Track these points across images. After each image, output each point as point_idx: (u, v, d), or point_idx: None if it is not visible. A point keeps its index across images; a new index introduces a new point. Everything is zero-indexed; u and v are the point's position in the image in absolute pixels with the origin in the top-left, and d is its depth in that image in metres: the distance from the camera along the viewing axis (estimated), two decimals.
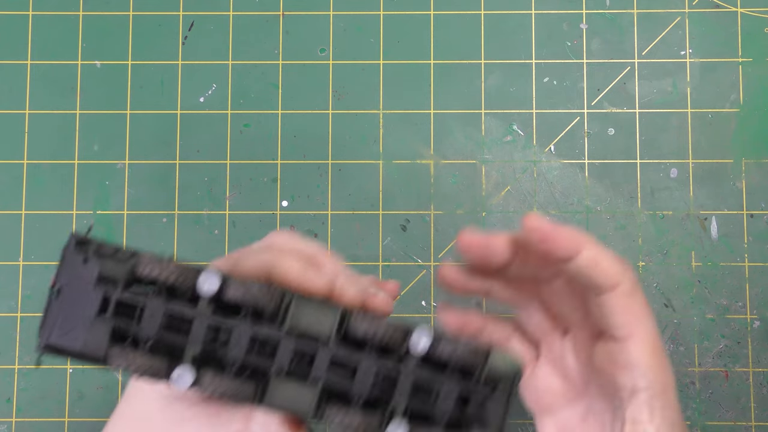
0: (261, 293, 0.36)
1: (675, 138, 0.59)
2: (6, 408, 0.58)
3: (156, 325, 0.36)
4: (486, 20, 0.61)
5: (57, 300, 0.36)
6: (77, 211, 0.59)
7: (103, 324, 0.35)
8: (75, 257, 0.36)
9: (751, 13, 0.60)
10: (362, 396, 0.37)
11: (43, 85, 0.60)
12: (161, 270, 0.35)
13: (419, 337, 0.37)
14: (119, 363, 0.35)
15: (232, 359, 0.37)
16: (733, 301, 0.58)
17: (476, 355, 0.37)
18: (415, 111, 0.60)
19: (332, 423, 0.37)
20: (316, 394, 0.37)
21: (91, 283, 0.35)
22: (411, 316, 0.58)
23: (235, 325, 0.36)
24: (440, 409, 0.38)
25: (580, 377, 0.45)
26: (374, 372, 0.37)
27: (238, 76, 0.60)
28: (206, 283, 0.36)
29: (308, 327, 0.37)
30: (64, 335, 0.35)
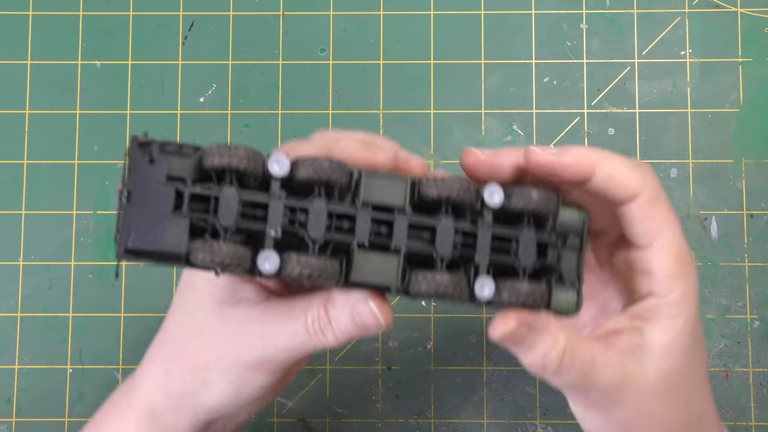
0: (331, 169, 0.35)
1: (675, 138, 0.59)
2: (6, 408, 0.58)
3: (233, 214, 0.35)
4: (486, 20, 0.61)
5: (128, 204, 0.35)
6: (77, 211, 0.59)
7: (179, 220, 0.35)
8: (140, 158, 0.35)
9: (751, 13, 0.60)
10: (445, 257, 0.37)
11: (43, 85, 0.60)
12: (230, 157, 0.34)
13: (492, 190, 0.37)
14: (202, 257, 0.34)
15: (312, 238, 0.36)
16: (733, 301, 0.58)
17: (549, 201, 0.37)
18: (415, 111, 0.60)
19: (419, 290, 0.36)
20: (399, 262, 0.37)
21: (160, 182, 0.35)
22: (411, 316, 0.58)
23: (310, 203, 0.36)
24: (522, 260, 0.37)
25: (599, 276, 0.44)
26: (453, 232, 0.37)
27: (238, 76, 0.60)
28: (276, 164, 0.35)
29: (382, 198, 0.37)
30: (141, 237, 0.34)
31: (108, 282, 0.59)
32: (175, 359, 0.43)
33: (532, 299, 0.37)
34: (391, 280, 0.37)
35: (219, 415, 0.44)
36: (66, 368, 0.58)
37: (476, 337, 0.58)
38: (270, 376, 0.42)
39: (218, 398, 0.42)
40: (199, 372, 0.42)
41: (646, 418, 0.40)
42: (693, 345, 0.40)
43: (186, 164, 0.36)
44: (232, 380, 0.41)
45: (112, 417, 0.45)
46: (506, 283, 0.37)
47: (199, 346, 0.42)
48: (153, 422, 0.44)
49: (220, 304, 0.42)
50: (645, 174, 0.39)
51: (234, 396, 0.42)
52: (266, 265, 0.35)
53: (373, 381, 0.58)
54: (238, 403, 0.43)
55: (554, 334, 0.38)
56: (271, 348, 0.40)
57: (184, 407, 0.43)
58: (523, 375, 0.58)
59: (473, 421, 0.58)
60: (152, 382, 0.44)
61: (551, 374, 0.39)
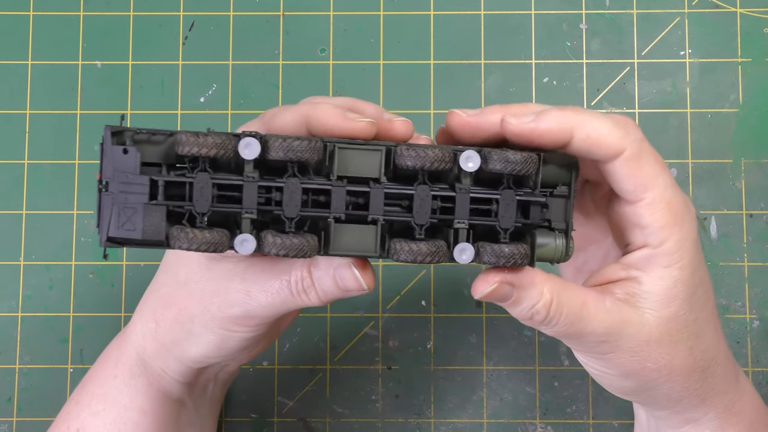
0: (302, 146, 0.36)
1: (674, 138, 0.59)
2: (6, 407, 0.58)
3: (208, 198, 0.36)
4: (486, 20, 0.61)
5: (106, 193, 0.36)
6: (78, 211, 0.59)
7: (156, 208, 0.36)
8: (114, 148, 0.35)
9: (750, 13, 0.60)
10: (423, 224, 0.37)
11: (44, 85, 0.60)
12: (199, 147, 0.35)
13: (469, 155, 0.37)
14: (180, 243, 0.35)
15: (288, 216, 0.36)
16: (732, 300, 0.58)
17: (527, 162, 0.37)
18: (415, 111, 0.60)
19: (398, 258, 0.37)
20: (377, 233, 0.37)
21: (135, 171, 0.35)
22: (411, 315, 0.58)
23: (284, 182, 0.36)
24: (502, 222, 0.38)
25: (599, 225, 0.45)
26: (430, 199, 0.37)
27: (238, 76, 0.60)
28: (247, 148, 0.36)
29: (356, 170, 0.37)
30: (121, 227, 0.36)
31: (108, 282, 0.59)
32: (163, 311, 0.45)
33: (513, 261, 0.37)
34: (370, 250, 0.38)
35: (206, 364, 0.46)
36: (66, 368, 0.58)
37: (476, 337, 0.58)
38: (253, 330, 0.43)
39: (203, 348, 0.44)
40: (184, 323, 0.44)
41: (647, 364, 0.40)
42: (693, 293, 0.40)
43: (160, 150, 0.36)
44: (215, 332, 0.43)
45: (105, 365, 0.47)
46: (486, 246, 0.37)
47: (185, 298, 0.43)
48: (143, 367, 0.46)
49: (207, 260, 0.43)
50: (627, 130, 0.39)
51: (217, 347, 0.44)
52: (243, 248, 0.36)
53: (373, 381, 0.58)
54: (223, 354, 0.44)
55: (539, 288, 0.39)
56: (254, 304, 0.42)
57: (172, 355, 0.45)
58: (523, 375, 0.58)
59: (473, 420, 0.58)
60: (142, 332, 0.46)
61: (539, 325, 0.40)
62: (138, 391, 0.46)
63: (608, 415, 0.58)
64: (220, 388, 0.52)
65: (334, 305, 0.59)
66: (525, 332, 0.58)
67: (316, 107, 0.40)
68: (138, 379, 0.46)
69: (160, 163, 0.36)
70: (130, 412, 0.46)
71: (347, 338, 0.59)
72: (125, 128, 0.36)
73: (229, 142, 0.36)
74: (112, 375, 0.47)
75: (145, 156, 0.36)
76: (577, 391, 0.58)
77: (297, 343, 0.59)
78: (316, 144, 0.36)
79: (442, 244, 0.37)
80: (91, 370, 0.48)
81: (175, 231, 0.35)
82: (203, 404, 0.50)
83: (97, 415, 0.46)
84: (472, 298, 0.58)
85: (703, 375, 0.42)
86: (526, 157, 0.37)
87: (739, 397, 0.44)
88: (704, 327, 0.41)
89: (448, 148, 0.37)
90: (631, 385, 0.42)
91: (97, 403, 0.47)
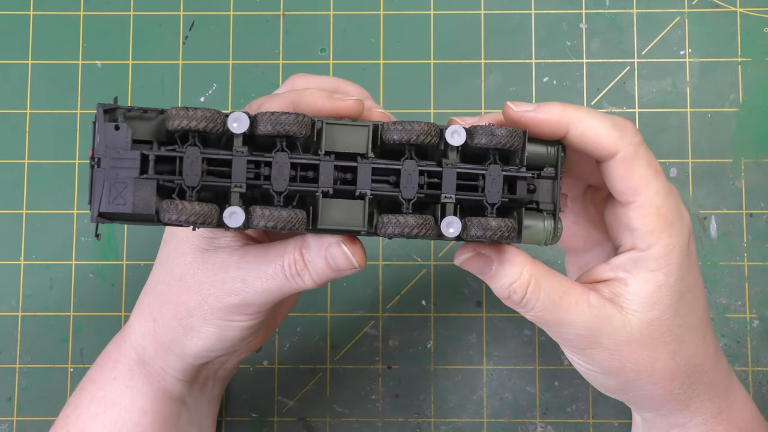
0: (289, 122, 0.36)
1: (674, 137, 0.59)
2: (7, 407, 0.58)
3: (197, 172, 0.36)
4: (486, 20, 0.61)
5: (98, 170, 0.36)
6: (78, 210, 0.59)
7: (147, 183, 0.36)
8: (106, 125, 0.36)
9: (750, 13, 0.60)
10: (411, 199, 0.38)
11: (44, 84, 0.60)
12: (189, 120, 0.35)
13: (454, 129, 0.37)
14: (170, 216, 0.36)
15: (277, 191, 0.37)
16: (732, 300, 0.58)
17: (512, 136, 0.37)
18: (415, 111, 0.60)
19: (386, 232, 0.37)
20: (365, 208, 0.38)
21: (126, 146, 0.36)
22: (411, 315, 0.59)
23: (272, 157, 0.37)
24: (489, 196, 0.38)
25: (602, 227, 0.45)
26: (417, 174, 0.38)
27: (238, 76, 0.60)
28: (236, 121, 0.36)
29: (344, 146, 0.38)
30: (112, 202, 0.36)
31: (108, 282, 0.59)
32: (161, 308, 0.45)
33: (499, 234, 0.37)
34: (358, 224, 0.38)
35: (206, 360, 0.46)
36: (67, 367, 0.58)
37: (476, 336, 0.58)
38: (251, 318, 0.43)
39: (203, 342, 0.44)
40: (183, 319, 0.44)
41: (627, 363, 0.41)
42: (679, 298, 0.40)
43: (151, 127, 0.37)
44: (214, 324, 0.43)
45: (104, 367, 0.47)
46: (474, 219, 0.38)
47: (182, 293, 0.44)
48: (143, 367, 0.46)
49: (201, 252, 0.43)
50: (624, 132, 0.40)
51: (217, 339, 0.44)
52: (232, 220, 0.37)
53: (373, 380, 0.58)
54: (223, 347, 0.45)
55: (519, 267, 0.39)
56: (251, 291, 0.42)
57: (172, 352, 0.45)
58: (523, 374, 0.58)
59: (473, 420, 0.58)
60: (141, 331, 0.46)
61: (517, 305, 0.40)
62: (138, 391, 0.46)
63: (608, 414, 0.58)
64: (219, 386, 0.52)
65: (335, 305, 0.59)
66: (525, 332, 0.58)
67: (303, 93, 0.41)
68: (138, 380, 0.46)
69: (151, 141, 0.37)
70: (131, 413, 0.46)
71: (347, 338, 0.59)
72: (117, 106, 0.36)
73: (219, 116, 0.36)
74: (111, 377, 0.47)
75: (137, 133, 0.37)
76: (577, 390, 0.58)
77: (297, 343, 0.59)
78: (303, 118, 0.37)
79: (429, 218, 0.38)
80: (90, 373, 0.48)
81: (165, 204, 0.36)
82: (203, 402, 0.50)
83: (97, 418, 0.46)
84: (472, 298, 0.58)
85: (688, 381, 0.42)
86: (511, 131, 0.37)
87: (728, 405, 0.44)
88: (690, 333, 0.42)
89: (434, 125, 0.37)
90: (614, 383, 0.42)
91: (97, 405, 0.47)
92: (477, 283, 0.58)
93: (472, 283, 0.59)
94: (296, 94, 0.41)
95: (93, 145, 0.36)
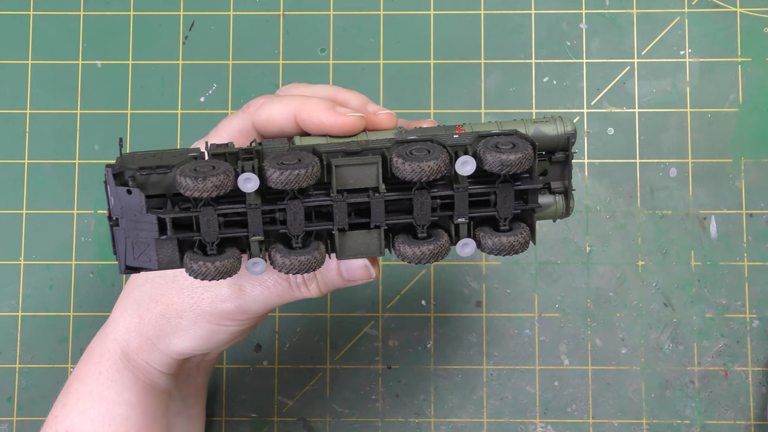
0: (301, 176, 0.36)
1: (674, 137, 0.59)
2: (7, 407, 0.58)
3: (215, 228, 0.37)
4: (486, 20, 0.61)
5: (118, 228, 0.37)
6: (78, 210, 0.59)
7: (168, 242, 0.37)
8: (118, 189, 0.37)
9: (750, 13, 0.60)
10: (425, 224, 0.39)
11: (44, 84, 0.60)
12: (201, 191, 0.36)
13: (465, 160, 0.37)
14: (195, 275, 0.37)
15: (294, 234, 0.38)
16: (732, 300, 0.58)
17: (524, 160, 0.37)
18: (415, 111, 0.60)
19: (405, 257, 0.38)
20: (380, 237, 0.39)
21: (141, 210, 0.37)
22: (411, 315, 0.59)
23: (286, 205, 0.38)
24: (501, 211, 0.39)
25: None
26: (429, 200, 0.38)
27: (238, 76, 0.60)
28: (247, 182, 0.37)
29: (355, 182, 0.38)
30: (137, 258, 0.38)
31: (108, 281, 0.59)
32: (148, 306, 0.45)
33: (513, 251, 0.39)
34: (375, 252, 0.39)
35: (191, 356, 0.47)
36: (67, 367, 0.58)
37: (476, 336, 0.58)
38: (243, 324, 0.44)
39: (190, 343, 0.44)
40: (171, 318, 0.44)
41: None
42: None
43: (164, 181, 0.38)
44: (204, 327, 0.44)
45: (88, 363, 0.47)
46: (487, 238, 0.39)
47: (174, 294, 0.44)
48: (127, 361, 0.46)
49: None
50: None
51: (205, 341, 0.44)
52: (255, 269, 0.38)
53: (373, 380, 0.58)
54: (210, 347, 0.45)
55: None
56: (248, 299, 0.42)
57: (156, 348, 0.45)
58: (523, 374, 0.58)
59: (473, 420, 0.58)
60: (125, 327, 0.46)
61: None
62: (124, 385, 0.46)
63: (608, 414, 0.58)
64: (203, 376, 0.52)
65: (335, 305, 0.59)
66: (525, 332, 0.58)
67: (307, 101, 0.41)
68: (123, 374, 0.46)
69: (164, 195, 0.38)
70: (119, 407, 0.46)
71: (347, 338, 0.59)
72: (125, 168, 0.37)
73: (228, 180, 0.36)
74: (96, 372, 0.46)
75: (149, 189, 0.37)
76: (577, 390, 0.58)
77: (297, 343, 0.59)
78: (313, 170, 0.37)
79: (444, 242, 0.38)
80: (75, 371, 0.48)
81: (188, 263, 0.37)
82: (189, 393, 0.51)
83: (85, 414, 0.46)
84: (472, 298, 0.59)
85: None
86: (521, 157, 0.37)
87: None
88: None
89: (443, 156, 0.37)
90: None
91: (84, 401, 0.46)
92: (477, 283, 0.59)
93: (472, 283, 0.59)
94: (299, 102, 0.41)
95: (108, 206, 0.37)
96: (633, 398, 0.58)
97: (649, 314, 0.58)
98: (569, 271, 0.59)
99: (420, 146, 0.38)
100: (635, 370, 0.58)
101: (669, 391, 0.58)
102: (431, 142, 0.38)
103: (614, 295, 0.58)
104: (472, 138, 0.39)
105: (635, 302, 0.58)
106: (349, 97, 0.43)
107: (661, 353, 0.58)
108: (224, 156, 0.38)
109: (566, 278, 0.59)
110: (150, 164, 0.37)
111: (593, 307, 0.58)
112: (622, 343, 0.58)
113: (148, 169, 0.37)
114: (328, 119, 0.40)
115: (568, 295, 0.58)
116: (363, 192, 0.38)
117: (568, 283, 0.58)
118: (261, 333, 0.58)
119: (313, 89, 0.45)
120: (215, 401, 0.58)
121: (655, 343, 0.58)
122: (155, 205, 0.37)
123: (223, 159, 0.38)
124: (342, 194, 0.38)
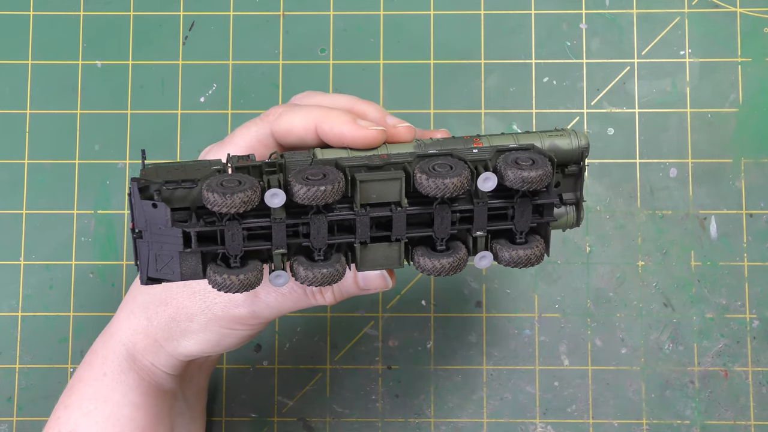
0: (325, 195, 0.37)
1: (674, 138, 0.59)
2: (7, 407, 0.58)
3: (239, 242, 0.37)
4: (486, 20, 0.61)
5: (141, 240, 0.37)
6: (78, 210, 0.59)
7: (191, 254, 0.37)
8: (143, 204, 0.37)
9: (750, 13, 0.60)
10: (444, 237, 0.39)
11: (44, 84, 0.60)
12: (228, 206, 0.36)
13: (486, 176, 0.38)
14: (218, 287, 0.37)
15: (317, 247, 0.38)
16: (732, 300, 0.58)
17: (544, 177, 0.38)
18: (415, 111, 0.60)
19: (424, 270, 0.39)
20: (401, 250, 0.40)
21: (167, 224, 0.37)
22: (411, 315, 0.58)
23: (309, 219, 0.38)
24: (518, 225, 0.40)
25: None
26: (450, 215, 0.39)
27: (238, 76, 0.60)
28: (274, 197, 0.37)
29: (379, 197, 0.39)
30: (159, 270, 0.38)
31: (108, 281, 0.59)
32: (157, 308, 0.45)
33: (530, 263, 0.39)
34: (395, 264, 0.40)
35: (197, 358, 0.47)
36: (67, 368, 0.58)
37: (476, 336, 0.58)
38: (254, 328, 0.44)
39: (198, 346, 0.45)
40: (181, 321, 0.44)
41: None
42: None
43: (189, 195, 0.38)
44: (215, 331, 0.44)
45: (92, 364, 0.47)
46: (504, 251, 0.39)
47: (185, 298, 0.44)
48: (132, 362, 0.46)
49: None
50: None
51: (215, 344, 0.45)
52: (277, 281, 0.38)
53: (373, 380, 0.58)
54: (219, 350, 0.46)
55: None
56: (262, 305, 0.43)
57: (163, 350, 0.45)
58: (523, 374, 0.58)
59: (473, 420, 0.58)
60: (132, 328, 0.46)
61: None
62: (129, 386, 0.46)
63: (608, 414, 0.58)
64: (205, 376, 0.53)
65: (335, 305, 0.59)
66: (525, 332, 0.58)
67: (329, 113, 0.41)
68: (128, 375, 0.46)
69: (189, 207, 0.38)
70: (123, 407, 0.46)
71: (347, 338, 0.59)
72: (151, 182, 0.37)
73: (255, 196, 0.36)
74: (101, 373, 0.46)
75: (174, 202, 0.37)
76: (577, 390, 0.58)
77: (297, 343, 0.59)
78: (338, 186, 0.37)
79: (463, 255, 0.39)
80: (78, 372, 0.48)
81: (212, 274, 0.37)
82: (191, 394, 0.51)
83: (89, 415, 0.46)
84: (472, 298, 0.59)
85: None
86: (542, 174, 0.38)
87: None
88: None
89: (466, 173, 0.38)
90: None
91: (88, 402, 0.46)
92: (477, 283, 0.59)
93: (472, 283, 0.59)
94: (321, 114, 0.41)
95: (132, 218, 0.37)
96: (633, 398, 0.58)
97: (649, 314, 0.58)
98: (569, 271, 0.59)
99: (441, 161, 0.39)
100: (635, 370, 0.58)
101: (669, 391, 0.58)
102: (451, 157, 0.39)
103: (614, 295, 0.58)
104: (491, 153, 0.39)
105: (635, 302, 0.58)
106: (367, 108, 0.43)
107: (661, 353, 0.58)
108: (247, 169, 0.38)
109: (566, 278, 0.59)
110: (175, 178, 0.37)
111: (593, 308, 0.58)
112: (622, 344, 0.58)
113: (173, 183, 0.37)
114: (350, 132, 0.40)
115: (568, 295, 0.58)
116: (385, 206, 0.39)
117: (568, 283, 0.59)
118: (261, 333, 0.58)
119: (331, 99, 0.44)
120: (215, 401, 0.58)
121: (655, 343, 0.58)
122: (179, 218, 0.37)
123: (246, 172, 0.38)
124: (365, 208, 0.38)
